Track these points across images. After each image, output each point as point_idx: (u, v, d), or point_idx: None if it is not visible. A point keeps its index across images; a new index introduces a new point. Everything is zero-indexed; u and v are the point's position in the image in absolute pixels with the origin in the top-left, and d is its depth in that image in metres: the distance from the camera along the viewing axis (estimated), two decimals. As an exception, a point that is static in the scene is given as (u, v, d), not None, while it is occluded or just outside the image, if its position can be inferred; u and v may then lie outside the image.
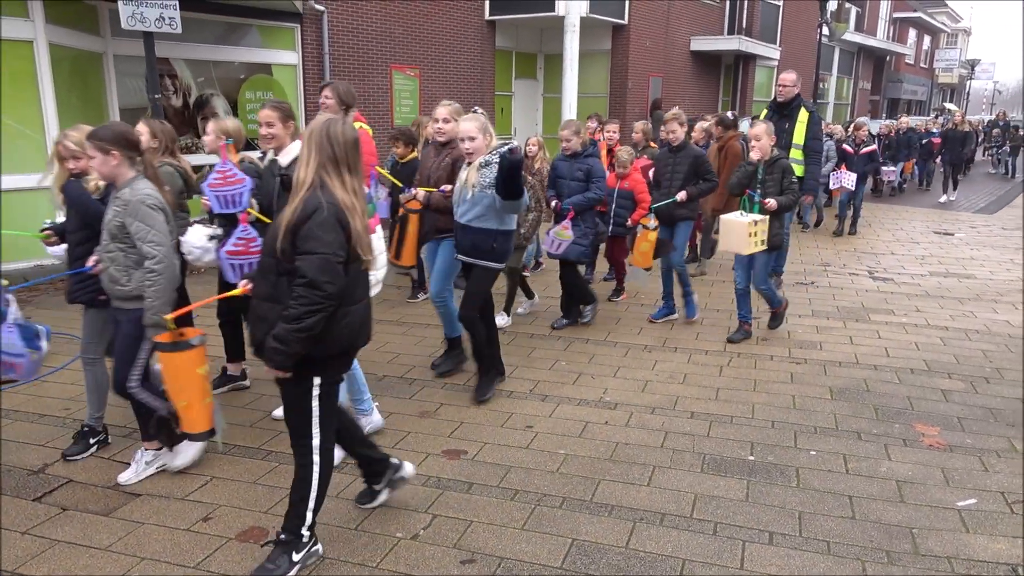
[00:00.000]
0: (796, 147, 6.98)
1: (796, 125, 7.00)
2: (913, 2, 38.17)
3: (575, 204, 5.77)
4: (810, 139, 7.00)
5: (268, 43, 11.43)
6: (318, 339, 2.72)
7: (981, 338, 6.08)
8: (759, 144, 5.54)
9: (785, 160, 5.59)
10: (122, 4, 6.97)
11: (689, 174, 6.09)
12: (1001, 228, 12.15)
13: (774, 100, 7.21)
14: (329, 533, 3.24)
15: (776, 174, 5.59)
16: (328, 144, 2.76)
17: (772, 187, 5.56)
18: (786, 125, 6.99)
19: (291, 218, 2.68)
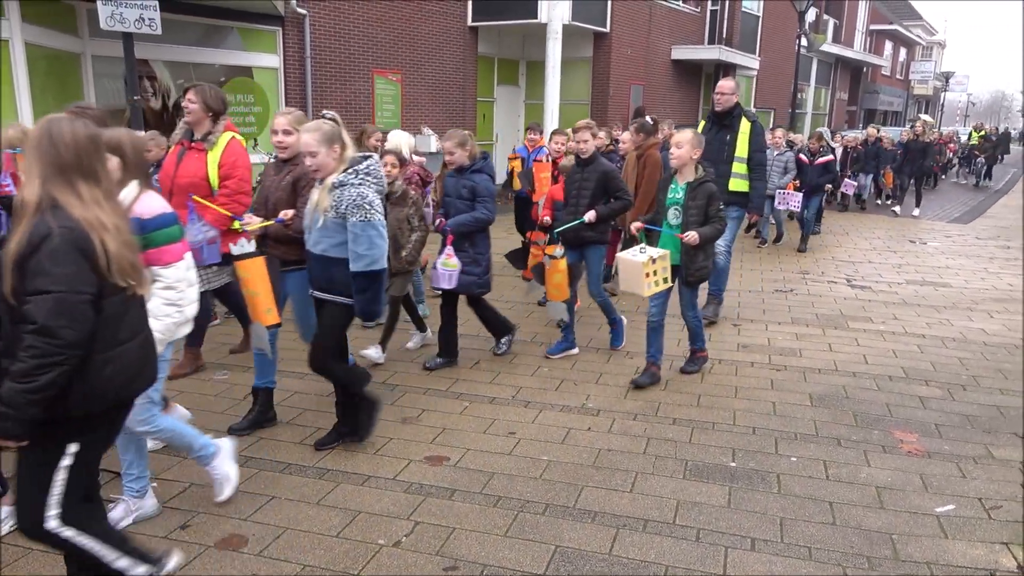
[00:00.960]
0: (740, 160, 6.42)
1: (738, 136, 6.40)
2: (889, 14, 38.79)
3: (456, 226, 5.03)
4: (754, 151, 6.39)
5: (249, 46, 11.36)
6: (64, 397, 2.21)
7: (957, 346, 6.16)
8: (678, 153, 4.78)
9: (711, 185, 4.82)
10: (101, 4, 6.87)
11: (598, 191, 5.40)
12: (975, 238, 12.34)
13: (712, 110, 6.59)
14: (310, 541, 3.20)
15: (700, 200, 4.79)
16: (52, 149, 2.22)
17: (695, 214, 4.80)
18: (727, 137, 6.44)
19: (15, 251, 2.15)
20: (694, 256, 4.83)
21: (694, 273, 4.88)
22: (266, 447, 4.08)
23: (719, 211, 4.84)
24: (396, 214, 5.11)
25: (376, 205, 3.65)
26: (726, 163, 6.33)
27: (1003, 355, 5.93)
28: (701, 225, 4.76)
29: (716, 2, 21.21)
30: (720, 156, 6.30)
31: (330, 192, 3.64)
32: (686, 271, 4.87)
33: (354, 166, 3.70)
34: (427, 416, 4.54)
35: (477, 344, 5.93)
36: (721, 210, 4.86)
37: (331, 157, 3.66)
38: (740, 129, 6.40)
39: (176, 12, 9.63)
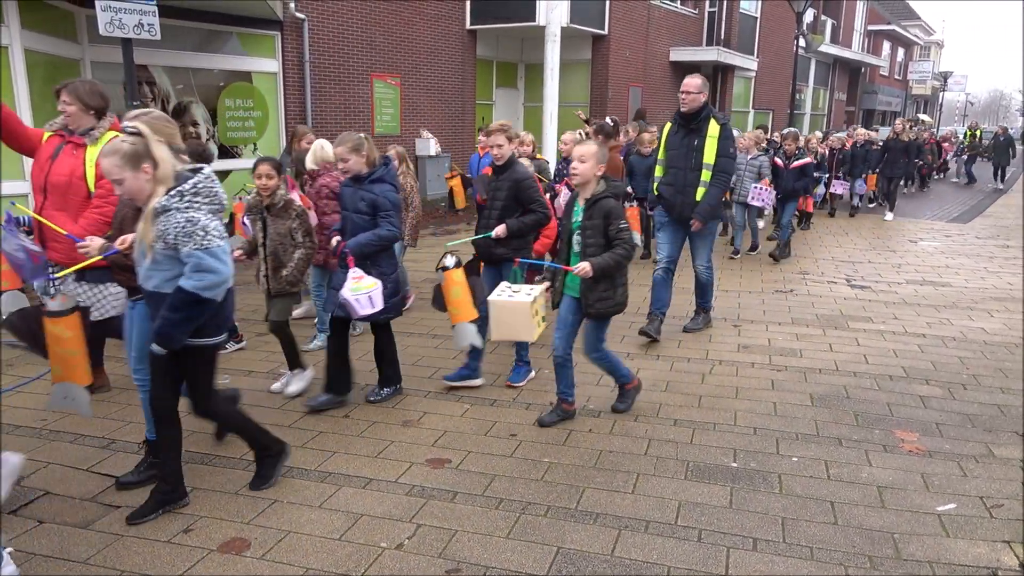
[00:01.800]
0: (708, 167, 5.80)
1: (706, 141, 5.79)
2: (887, 14, 38.82)
3: (356, 247, 4.33)
4: (720, 156, 5.79)
5: (248, 50, 11.38)
6: None
7: (957, 345, 6.16)
8: (581, 169, 4.09)
9: (610, 201, 4.09)
10: (100, 10, 6.89)
11: (509, 202, 4.77)
12: (975, 237, 12.35)
13: (678, 112, 5.95)
14: (312, 544, 3.21)
15: (597, 219, 4.09)
16: None
17: (593, 236, 4.10)
18: (694, 141, 5.83)
19: None
20: (593, 284, 4.15)
21: (593, 304, 4.18)
22: (268, 451, 4.08)
23: (622, 230, 4.05)
24: (277, 228, 4.63)
25: (212, 229, 3.09)
26: (694, 170, 5.83)
27: (1003, 354, 5.94)
28: (604, 249, 4.08)
29: (714, 3, 21.25)
30: (687, 163, 5.85)
31: (153, 221, 3.06)
32: (585, 301, 4.19)
33: (179, 185, 3.10)
34: (428, 419, 4.55)
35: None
36: (625, 229, 4.06)
37: (142, 180, 3.06)
38: (708, 132, 5.79)
39: (175, 17, 9.66)
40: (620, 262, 4.10)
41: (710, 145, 5.79)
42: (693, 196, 5.85)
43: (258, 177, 4.63)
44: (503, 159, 4.81)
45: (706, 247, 6.26)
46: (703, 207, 5.85)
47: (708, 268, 6.34)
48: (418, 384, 5.11)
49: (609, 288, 4.18)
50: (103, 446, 4.10)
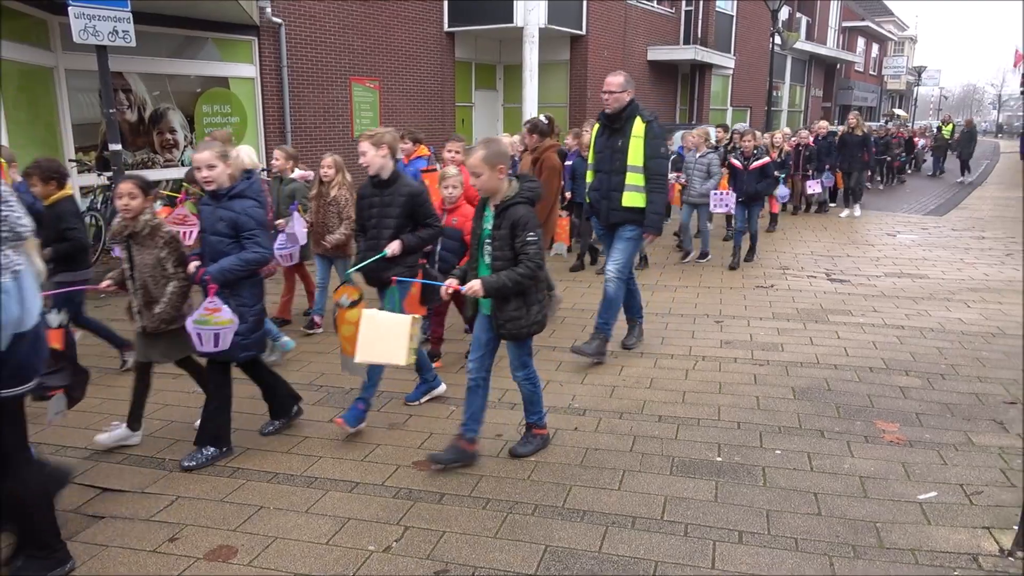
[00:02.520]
0: (634, 170, 5.34)
1: (630, 141, 5.33)
2: (860, 10, 39.27)
3: (219, 273, 3.80)
4: (650, 158, 5.30)
5: (225, 56, 11.33)
6: None
7: (936, 336, 6.25)
8: (479, 183, 3.65)
9: (520, 208, 3.61)
10: (73, 17, 6.84)
11: (403, 220, 4.29)
12: (951, 229, 12.52)
13: (602, 112, 5.48)
14: (300, 549, 3.20)
15: (506, 228, 3.62)
16: None
17: (501, 248, 3.65)
18: (618, 142, 5.37)
19: None
20: (501, 304, 3.71)
21: (504, 325, 3.73)
22: (253, 457, 4.07)
23: (528, 243, 3.57)
24: (144, 257, 3.92)
25: None
26: (618, 173, 5.39)
27: (980, 343, 6.03)
28: (512, 263, 3.64)
29: (691, 2, 21.40)
30: (612, 165, 5.42)
31: None
32: (495, 321, 3.77)
33: None
34: (414, 422, 4.55)
35: (461, 348, 5.94)
36: (532, 242, 3.58)
37: None
38: (632, 132, 5.33)
39: (150, 24, 9.59)
40: (519, 282, 3.58)
41: (635, 146, 5.33)
42: (618, 201, 5.39)
43: (119, 197, 3.93)
44: (372, 168, 4.25)
45: (625, 252, 5.51)
46: (651, 217, 5.37)
47: (620, 278, 5.52)
48: (403, 388, 5.10)
49: (520, 307, 3.71)
50: (85, 457, 4.06)
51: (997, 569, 3.02)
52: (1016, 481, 3.71)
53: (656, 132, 5.36)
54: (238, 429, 4.41)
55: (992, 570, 3.02)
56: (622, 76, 5.34)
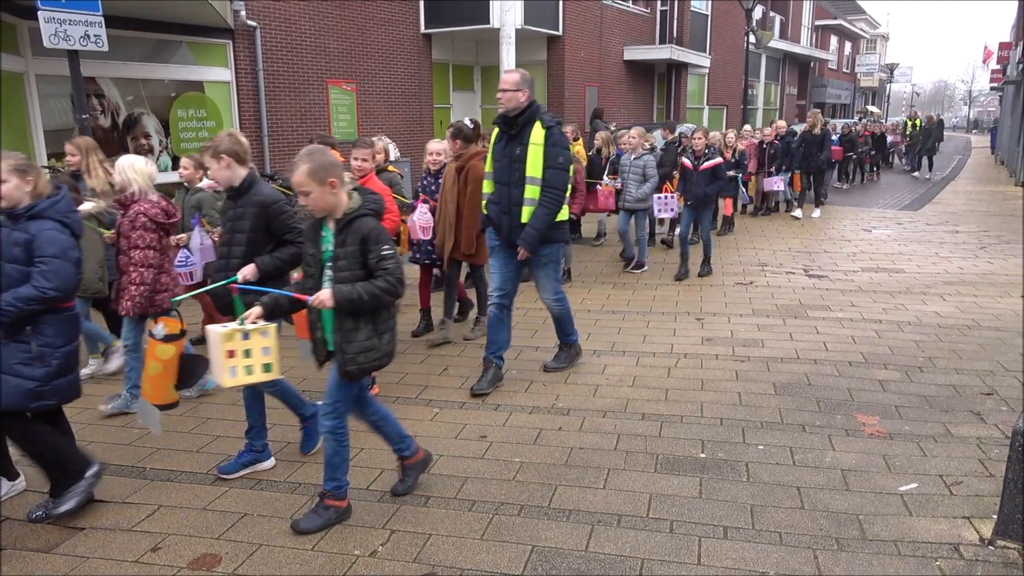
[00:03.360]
0: (534, 182, 4.75)
1: (528, 149, 4.71)
2: (833, 9, 39.71)
3: (8, 307, 3.21)
4: (547, 167, 4.72)
5: (199, 60, 11.22)
6: None
7: (913, 329, 6.33)
8: (312, 201, 3.13)
9: (367, 221, 3.15)
10: (43, 22, 6.72)
11: (257, 234, 3.66)
12: (926, 224, 12.68)
13: (500, 115, 4.86)
14: (285, 555, 3.17)
15: (352, 244, 3.15)
16: None
17: (348, 268, 3.15)
18: (516, 150, 4.78)
19: None
20: (351, 331, 3.18)
21: (352, 359, 3.19)
22: (235, 464, 4.02)
23: (385, 257, 3.12)
24: None
25: None
26: (517, 185, 4.80)
27: (956, 336, 6.11)
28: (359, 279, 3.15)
29: (666, 2, 21.53)
30: (511, 177, 4.81)
31: None
32: (341, 356, 3.20)
33: None
34: (398, 424, 4.52)
35: (445, 350, 5.93)
36: (389, 256, 3.14)
37: None
38: (531, 139, 4.72)
39: (122, 28, 9.47)
40: (378, 297, 3.10)
41: (533, 154, 4.72)
42: (520, 217, 4.84)
43: None
44: (226, 181, 3.67)
45: (549, 277, 5.15)
46: (528, 232, 4.80)
47: (558, 300, 5.26)
48: (386, 390, 5.08)
49: (371, 336, 3.21)
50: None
51: (978, 558, 3.06)
52: (994, 471, 3.76)
53: (557, 139, 4.75)
54: (218, 436, 4.38)
55: (973, 559, 3.06)
56: (518, 74, 4.78)
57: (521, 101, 4.71)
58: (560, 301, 5.27)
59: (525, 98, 4.72)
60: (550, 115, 4.86)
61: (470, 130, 5.78)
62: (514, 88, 4.69)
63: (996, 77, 33.91)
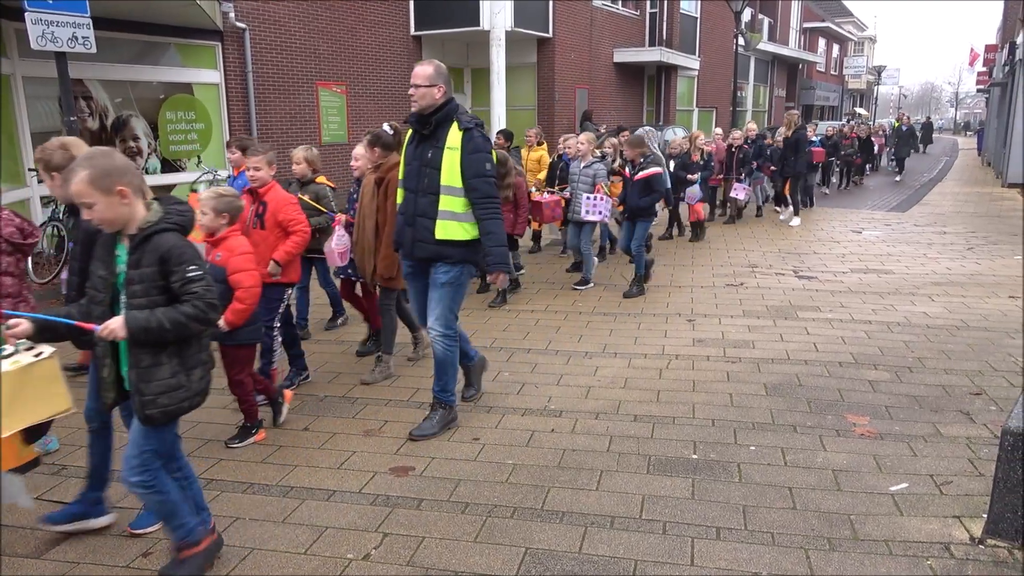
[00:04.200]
0: (450, 192, 4.10)
1: (443, 154, 4.09)
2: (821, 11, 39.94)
3: None
4: (472, 177, 4.07)
5: (188, 62, 11.17)
6: None
7: (902, 330, 6.37)
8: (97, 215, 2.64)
9: (168, 237, 2.67)
10: (31, 23, 6.68)
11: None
12: (913, 225, 12.77)
13: (412, 113, 4.24)
14: (278, 559, 3.16)
15: (149, 265, 2.67)
16: None
17: (145, 293, 2.66)
18: (428, 154, 4.14)
19: None
20: (150, 368, 2.69)
21: (152, 401, 2.70)
22: (227, 468, 4.01)
23: (192, 279, 2.64)
24: None
25: None
26: (426, 194, 4.15)
27: (945, 336, 6.15)
28: None
29: (655, 4, 21.60)
30: (420, 183, 4.16)
31: None
32: (139, 397, 2.71)
33: None
34: (390, 427, 4.52)
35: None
36: (196, 278, 2.65)
37: None
38: (447, 143, 4.11)
39: (110, 29, 9.43)
40: (182, 324, 2.61)
41: (449, 161, 4.10)
42: (429, 233, 4.15)
43: None
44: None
45: (444, 303, 4.28)
46: (494, 252, 4.16)
47: (447, 336, 4.33)
48: (378, 392, 5.07)
49: (177, 372, 2.73)
50: (53, 472, 3.97)
51: (969, 557, 3.09)
52: (984, 470, 3.78)
53: (478, 144, 4.11)
54: (209, 440, 4.36)
55: (964, 558, 3.08)
56: (432, 67, 4.13)
57: (436, 98, 4.12)
58: (448, 339, 4.32)
59: (441, 95, 4.13)
60: (469, 116, 4.25)
61: (390, 136, 5.06)
62: (428, 83, 4.09)
63: (982, 79, 34.24)
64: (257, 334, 4.30)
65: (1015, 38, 21.06)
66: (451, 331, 4.35)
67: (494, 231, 4.16)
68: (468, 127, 4.12)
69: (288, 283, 4.82)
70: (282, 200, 4.74)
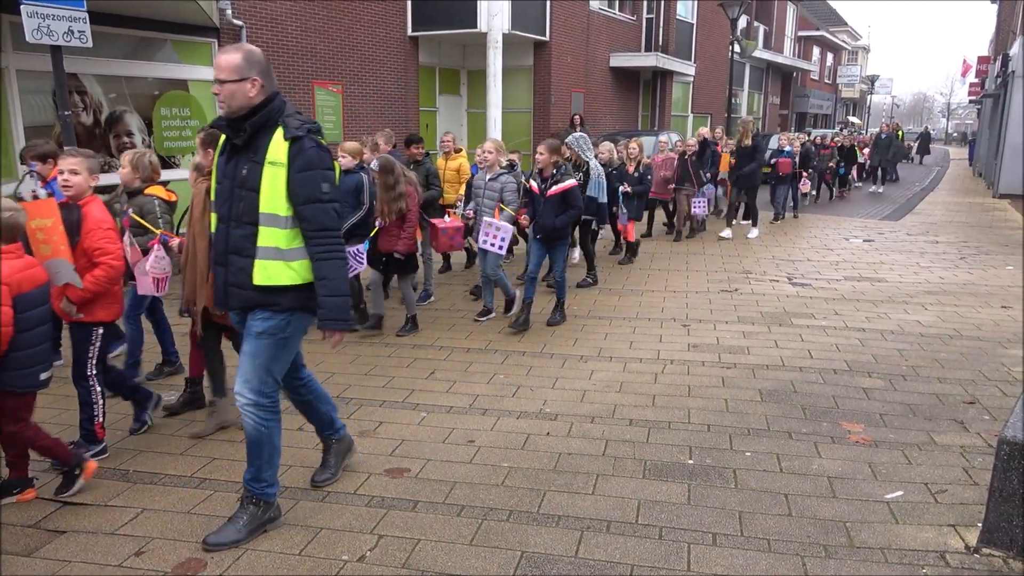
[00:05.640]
0: (272, 223, 3.07)
1: (263, 170, 3.04)
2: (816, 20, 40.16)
3: None
4: (303, 203, 3.06)
5: (184, 58, 11.11)
6: None
7: (896, 338, 6.39)
8: None
9: None
10: (26, 16, 6.62)
11: None
12: (906, 234, 12.83)
13: (220, 117, 3.17)
14: (272, 560, 3.13)
15: None
16: None
17: None
18: (242, 170, 3.09)
19: None
20: None
21: None
22: (220, 467, 3.98)
23: None
24: None
25: None
26: (240, 223, 3.11)
27: (938, 345, 6.18)
28: None
29: (652, 10, 21.65)
30: (231, 209, 3.12)
31: None
32: None
33: None
34: (385, 428, 4.50)
35: (431, 354, 5.91)
36: None
37: None
38: (267, 156, 3.05)
39: (106, 24, 9.36)
40: None
41: (271, 179, 3.04)
42: (245, 276, 3.11)
43: None
44: None
45: (257, 363, 3.21)
46: (327, 303, 3.13)
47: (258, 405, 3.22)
48: (372, 394, 5.05)
49: None
50: (44, 470, 3.93)
51: (964, 566, 3.09)
52: (978, 479, 3.79)
53: (311, 158, 3.05)
54: (205, 439, 4.32)
55: (959, 567, 3.08)
56: (239, 54, 3.03)
57: (251, 96, 3.04)
58: (262, 409, 3.22)
59: (257, 91, 3.04)
60: (301, 118, 3.15)
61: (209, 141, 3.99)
62: (236, 76, 3.01)
63: (974, 90, 34.48)
64: (23, 380, 3.43)
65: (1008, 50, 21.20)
66: (265, 399, 3.22)
67: (330, 276, 3.11)
68: (297, 134, 3.05)
69: (96, 322, 3.97)
70: (96, 221, 3.85)
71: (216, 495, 3.68)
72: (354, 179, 6.29)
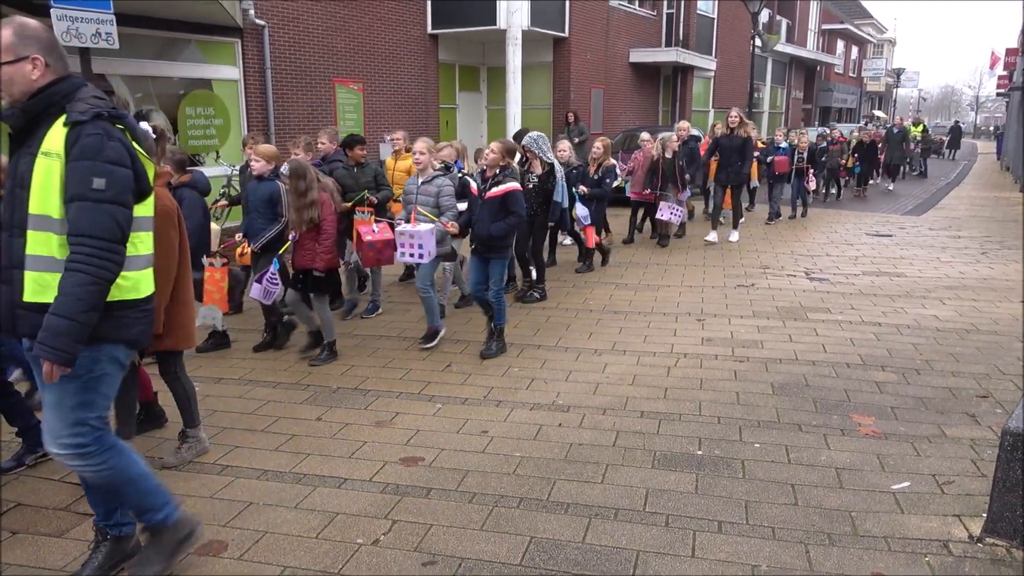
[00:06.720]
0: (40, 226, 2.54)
1: (35, 163, 2.53)
2: (840, 13, 39.71)
3: None
4: (69, 199, 2.52)
5: (208, 58, 11.32)
6: None
7: (911, 332, 6.39)
8: None
9: None
10: (56, 19, 6.83)
11: None
12: (928, 229, 12.72)
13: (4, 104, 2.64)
14: (290, 543, 3.25)
15: None
16: None
17: None
18: (20, 165, 2.59)
19: None
20: None
21: None
22: (242, 455, 4.11)
23: None
24: None
25: None
26: (20, 231, 2.58)
27: (954, 339, 6.17)
28: None
29: (672, 5, 21.57)
30: (12, 214, 2.61)
31: None
32: None
33: None
34: (401, 419, 4.61)
35: (448, 347, 6.01)
36: None
37: None
38: (41, 146, 2.55)
39: (133, 26, 9.57)
40: None
41: (43, 172, 2.53)
42: (15, 289, 2.57)
43: None
44: None
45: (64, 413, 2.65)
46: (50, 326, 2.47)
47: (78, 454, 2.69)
48: (389, 385, 5.17)
49: None
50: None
51: (966, 554, 3.13)
52: (986, 471, 3.82)
53: (87, 146, 2.51)
54: (225, 428, 4.47)
55: (962, 555, 3.13)
56: (9, 29, 2.55)
57: (32, 78, 2.56)
58: (85, 456, 2.69)
59: (39, 71, 2.57)
60: (94, 101, 2.60)
61: (152, 141, 3.13)
62: (9, 58, 2.54)
63: (1003, 83, 33.89)
64: None
65: (1036, 42, 20.81)
66: (84, 443, 2.67)
67: (66, 292, 2.48)
68: (79, 119, 2.52)
69: None
70: None
71: (237, 481, 3.82)
72: (268, 187, 5.80)
